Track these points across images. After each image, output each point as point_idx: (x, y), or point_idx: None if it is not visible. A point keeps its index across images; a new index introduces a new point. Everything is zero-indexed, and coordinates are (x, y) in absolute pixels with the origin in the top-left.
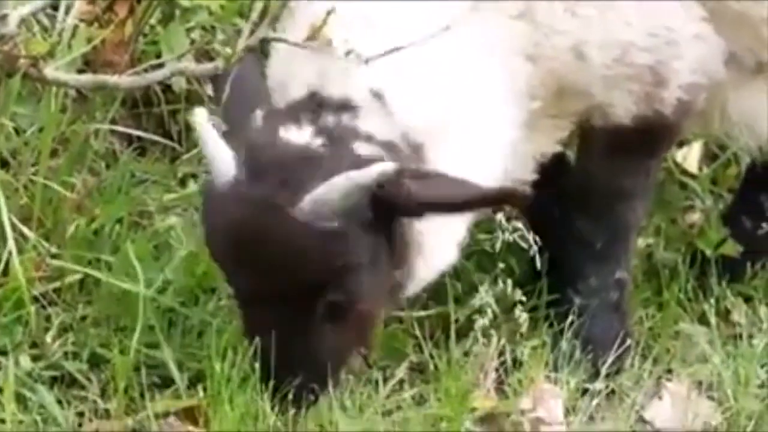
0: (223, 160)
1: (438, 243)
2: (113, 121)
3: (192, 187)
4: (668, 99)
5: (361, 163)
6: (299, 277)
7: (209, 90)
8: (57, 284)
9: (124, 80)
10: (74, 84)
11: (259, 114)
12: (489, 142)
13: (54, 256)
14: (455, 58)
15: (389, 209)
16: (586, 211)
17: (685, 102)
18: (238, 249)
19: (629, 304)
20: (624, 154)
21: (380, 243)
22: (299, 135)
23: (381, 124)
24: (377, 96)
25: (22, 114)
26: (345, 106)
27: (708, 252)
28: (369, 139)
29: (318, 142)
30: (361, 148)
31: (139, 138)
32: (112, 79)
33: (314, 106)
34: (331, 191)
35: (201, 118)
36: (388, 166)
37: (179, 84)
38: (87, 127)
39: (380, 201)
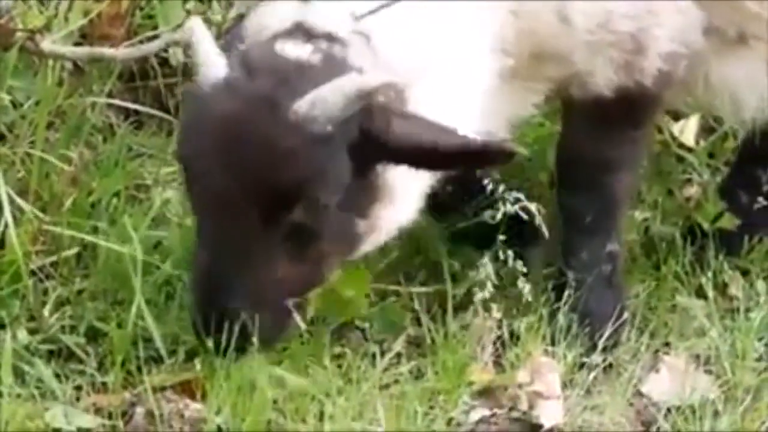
0: (214, 61)
1: (404, 199)
2: (110, 95)
3: None
4: (648, 69)
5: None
6: (278, 179)
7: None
8: (54, 258)
9: (121, 52)
10: (71, 57)
11: (247, 42)
12: (466, 89)
13: (51, 230)
14: (439, 3)
15: (371, 147)
16: (573, 185)
17: (665, 72)
18: (221, 143)
19: (623, 277)
20: (607, 125)
21: (353, 184)
22: (296, 49)
23: (368, 61)
24: (362, 35)
25: (19, 87)
26: (332, 38)
27: (705, 225)
28: (360, 71)
29: (316, 57)
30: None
31: (136, 111)
32: (108, 51)
33: (303, 33)
34: (332, 93)
35: (196, 24)
36: (389, 79)
37: (176, 57)
38: (84, 101)
39: (367, 133)
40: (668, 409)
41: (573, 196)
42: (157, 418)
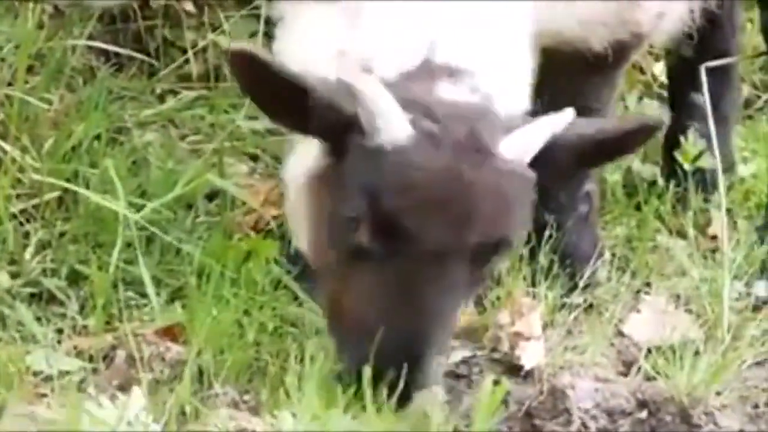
0: (396, 114)
1: None
2: (90, 37)
3: (169, 102)
4: (644, 18)
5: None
6: (503, 227)
7: (187, 5)
8: (35, 201)
9: None
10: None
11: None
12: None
13: (33, 172)
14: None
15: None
16: None
17: (661, 13)
18: (441, 197)
19: (597, 216)
20: (590, 71)
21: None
22: (457, 92)
23: (498, 89)
24: (485, 64)
25: None
26: (468, 73)
27: (686, 166)
28: (490, 99)
29: (475, 97)
30: (498, 107)
31: (116, 54)
32: None
33: (443, 71)
34: (534, 134)
35: (361, 75)
36: (569, 113)
37: (156, 0)
38: (64, 44)
39: (551, 161)
40: (649, 349)
41: None
42: (138, 361)
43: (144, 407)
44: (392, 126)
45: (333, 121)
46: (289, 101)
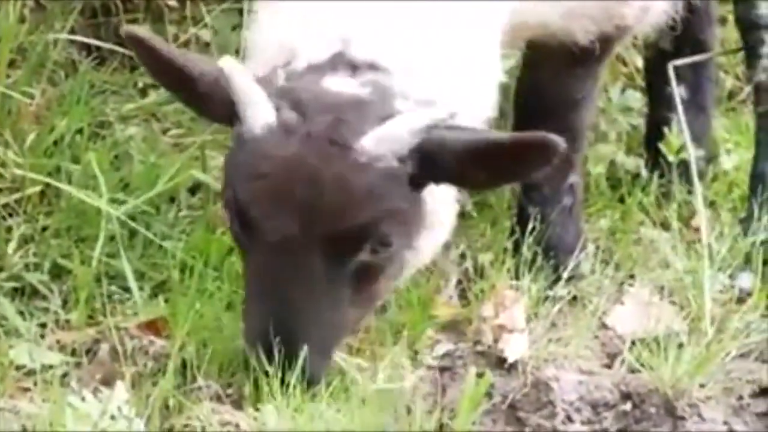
0: (259, 102)
1: (443, 224)
2: (72, 31)
3: (151, 96)
4: (629, 12)
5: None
6: (351, 220)
7: (170, 1)
8: (18, 195)
9: None
10: None
11: (281, 72)
12: (486, 90)
13: (14, 166)
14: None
15: (428, 172)
16: (537, 123)
17: (645, 7)
18: (287, 186)
19: (581, 208)
20: (574, 64)
21: (408, 213)
22: (345, 84)
23: (412, 87)
24: (402, 60)
25: None
26: (376, 67)
27: (670, 158)
28: (406, 97)
29: (366, 91)
30: (402, 105)
31: (98, 48)
32: None
33: (345, 64)
34: (400, 128)
35: (230, 63)
36: (445, 109)
37: None
38: (45, 37)
39: (425, 159)
40: (633, 341)
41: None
42: (121, 355)
43: (127, 401)
44: (254, 115)
45: (219, 109)
46: (185, 86)
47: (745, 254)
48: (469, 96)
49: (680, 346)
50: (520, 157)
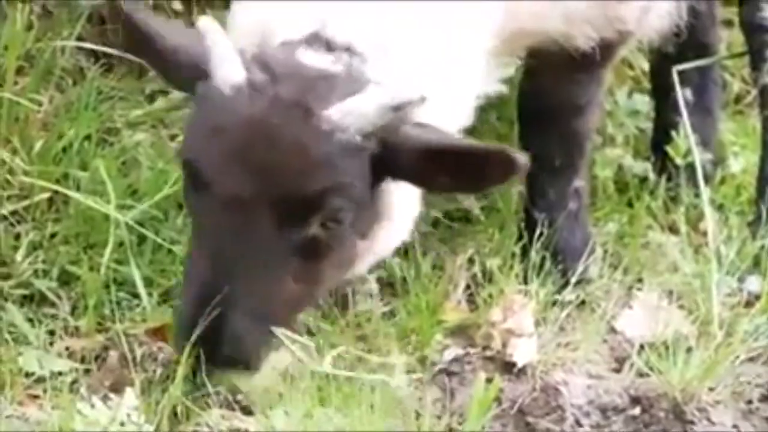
0: (231, 62)
1: (401, 220)
2: (79, 38)
3: (159, 103)
4: (628, 14)
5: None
6: (304, 185)
7: (175, 4)
8: (26, 202)
9: None
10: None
11: (252, 46)
12: (465, 90)
13: (23, 174)
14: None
15: (388, 160)
16: (540, 129)
17: (645, 8)
18: (244, 146)
19: (587, 212)
20: (577, 70)
21: (362, 202)
22: (319, 59)
23: (386, 75)
24: (380, 48)
25: None
26: (352, 51)
27: (678, 161)
28: (378, 84)
29: (338, 68)
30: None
31: (105, 54)
32: None
33: (321, 42)
34: (367, 104)
35: (207, 22)
36: (419, 94)
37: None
38: (53, 44)
39: (386, 144)
40: (641, 345)
41: (541, 141)
42: (130, 362)
43: (136, 407)
44: (225, 73)
45: (185, 68)
46: (154, 53)
47: (754, 257)
48: (443, 95)
49: (689, 350)
50: (480, 167)
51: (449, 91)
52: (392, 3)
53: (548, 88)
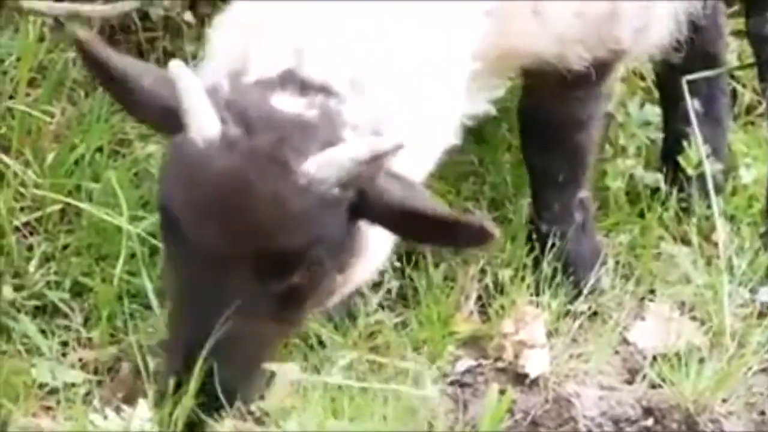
0: (204, 112)
1: (377, 253)
2: None
3: None
4: (622, 35)
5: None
6: (285, 242)
7: (187, 17)
8: (38, 214)
9: (97, 9)
10: (49, 13)
11: (228, 83)
12: (445, 119)
13: (35, 186)
14: (420, 40)
15: (364, 207)
16: (543, 146)
17: (639, 29)
18: (220, 200)
19: (594, 222)
20: (575, 87)
21: (343, 241)
22: (293, 103)
23: (362, 115)
24: (356, 84)
25: (0, 43)
26: (327, 90)
27: (689, 171)
28: (355, 127)
29: (313, 113)
30: (349, 135)
31: None
32: (84, 8)
33: (295, 83)
34: (344, 156)
35: (179, 68)
36: (399, 142)
37: (156, 12)
38: (65, 56)
39: (363, 194)
40: (654, 357)
41: (544, 156)
42: (143, 373)
43: (150, 419)
44: (198, 125)
45: (162, 116)
46: (125, 93)
47: (766, 268)
48: (424, 127)
49: (701, 361)
50: (453, 232)
51: (429, 118)
52: (368, 33)
53: (547, 104)
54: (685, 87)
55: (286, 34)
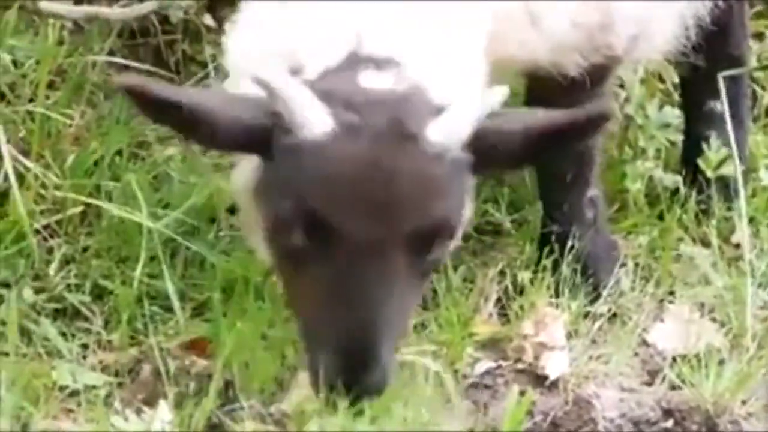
0: (317, 108)
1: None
2: (110, 53)
3: None
4: (616, 41)
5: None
6: (432, 214)
7: (206, 20)
8: (59, 216)
9: (116, 12)
10: (68, 16)
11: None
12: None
13: (55, 188)
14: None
15: (482, 160)
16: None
17: (633, 35)
18: (369, 187)
19: (605, 219)
20: (575, 91)
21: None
22: (380, 81)
23: (430, 80)
24: (413, 55)
25: (20, 47)
26: (395, 63)
27: (708, 173)
28: (427, 91)
29: (402, 85)
30: (434, 96)
31: (136, 69)
32: (103, 10)
33: (366, 61)
34: (457, 118)
35: (272, 73)
36: (504, 91)
37: (176, 14)
38: (84, 59)
39: (481, 141)
40: (674, 358)
41: (551, 159)
42: (163, 375)
43: (170, 421)
44: (311, 121)
45: (243, 137)
46: (193, 126)
47: None
48: (468, 81)
49: (721, 362)
50: (575, 131)
51: (471, 85)
52: (401, 5)
53: (550, 106)
54: (722, 82)
55: (337, 23)
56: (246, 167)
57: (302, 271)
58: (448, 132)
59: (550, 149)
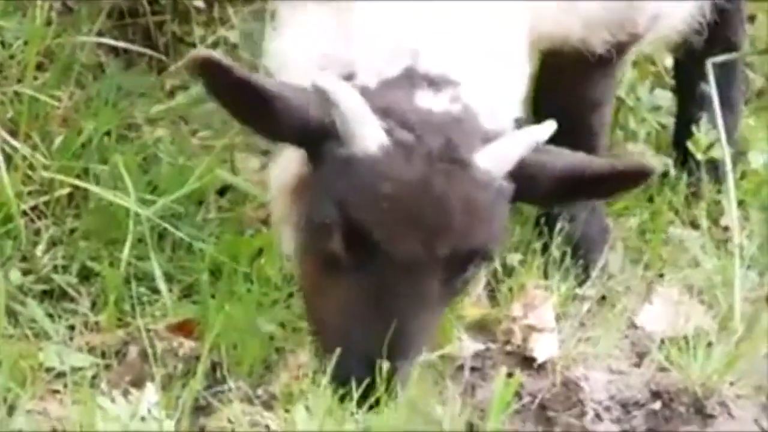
0: (372, 122)
1: None
2: (99, 33)
3: (179, 99)
4: (641, 20)
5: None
6: (474, 239)
7: (196, 1)
8: (46, 198)
9: None
10: None
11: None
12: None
13: (43, 168)
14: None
15: (521, 188)
16: (558, 127)
17: (657, 15)
18: (417, 208)
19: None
20: (591, 68)
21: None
22: (435, 101)
23: (482, 102)
24: (469, 73)
25: (8, 27)
26: (451, 82)
27: (698, 156)
28: (483, 115)
29: (457, 107)
30: (484, 121)
31: (125, 50)
32: None
33: (422, 79)
34: (506, 147)
35: (332, 80)
36: (553, 126)
37: None
38: (73, 40)
39: (523, 173)
40: (662, 340)
41: (557, 138)
42: (150, 357)
43: (157, 402)
44: (366, 134)
45: (303, 129)
46: (256, 108)
47: None
48: (514, 105)
49: (710, 344)
50: (615, 182)
51: (517, 98)
52: (465, 25)
53: (564, 84)
54: (710, 68)
55: (395, 34)
56: (288, 164)
57: (333, 275)
58: (497, 160)
59: (583, 195)
